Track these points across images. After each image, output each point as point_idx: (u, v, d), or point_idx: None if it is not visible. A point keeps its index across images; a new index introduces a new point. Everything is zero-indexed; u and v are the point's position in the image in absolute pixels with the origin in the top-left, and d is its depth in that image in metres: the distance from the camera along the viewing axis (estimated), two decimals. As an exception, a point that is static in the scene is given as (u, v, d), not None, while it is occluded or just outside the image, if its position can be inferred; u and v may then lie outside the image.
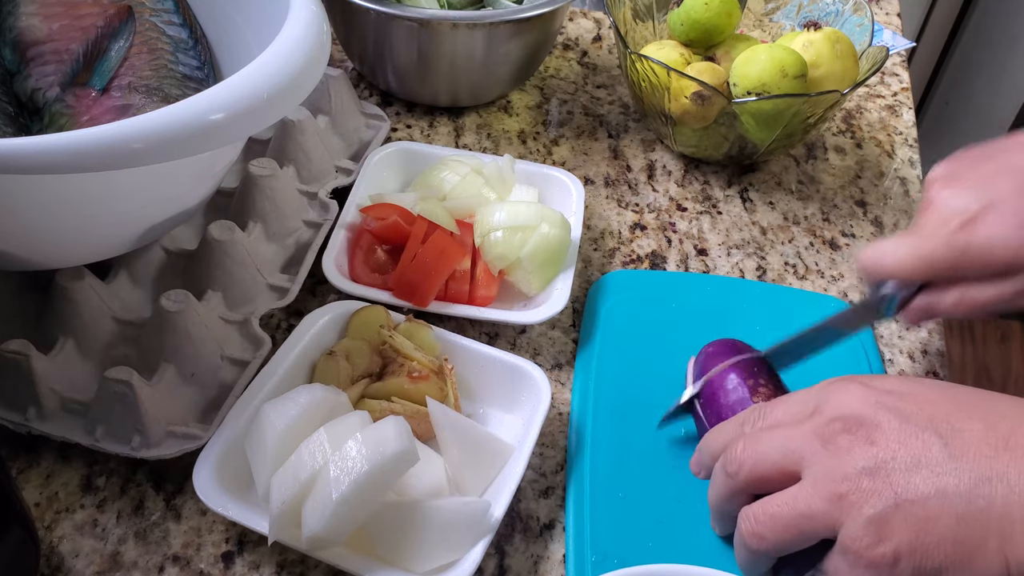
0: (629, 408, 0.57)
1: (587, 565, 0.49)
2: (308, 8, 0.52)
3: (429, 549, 0.47)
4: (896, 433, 0.41)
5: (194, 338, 0.54)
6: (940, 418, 0.42)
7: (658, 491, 0.53)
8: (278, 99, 0.46)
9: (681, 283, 0.65)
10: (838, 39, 0.69)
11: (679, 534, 0.51)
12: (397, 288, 0.60)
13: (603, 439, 0.55)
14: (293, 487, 0.46)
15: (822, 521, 0.41)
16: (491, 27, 0.72)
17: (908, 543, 0.39)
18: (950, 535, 0.39)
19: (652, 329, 0.61)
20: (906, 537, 0.39)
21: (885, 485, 0.40)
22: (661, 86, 0.69)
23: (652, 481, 0.53)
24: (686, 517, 0.52)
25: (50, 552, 0.49)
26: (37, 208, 0.47)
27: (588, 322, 0.62)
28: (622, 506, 0.52)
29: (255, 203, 0.62)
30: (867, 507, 0.40)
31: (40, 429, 0.52)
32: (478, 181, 0.67)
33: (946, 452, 0.40)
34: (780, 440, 0.44)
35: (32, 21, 0.61)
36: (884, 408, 0.43)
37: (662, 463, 0.54)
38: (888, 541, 0.40)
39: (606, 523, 0.51)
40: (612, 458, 0.54)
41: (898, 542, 0.39)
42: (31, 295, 0.58)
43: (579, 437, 0.55)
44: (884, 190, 0.76)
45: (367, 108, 0.75)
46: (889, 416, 0.42)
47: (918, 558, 0.39)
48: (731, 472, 0.46)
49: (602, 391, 0.58)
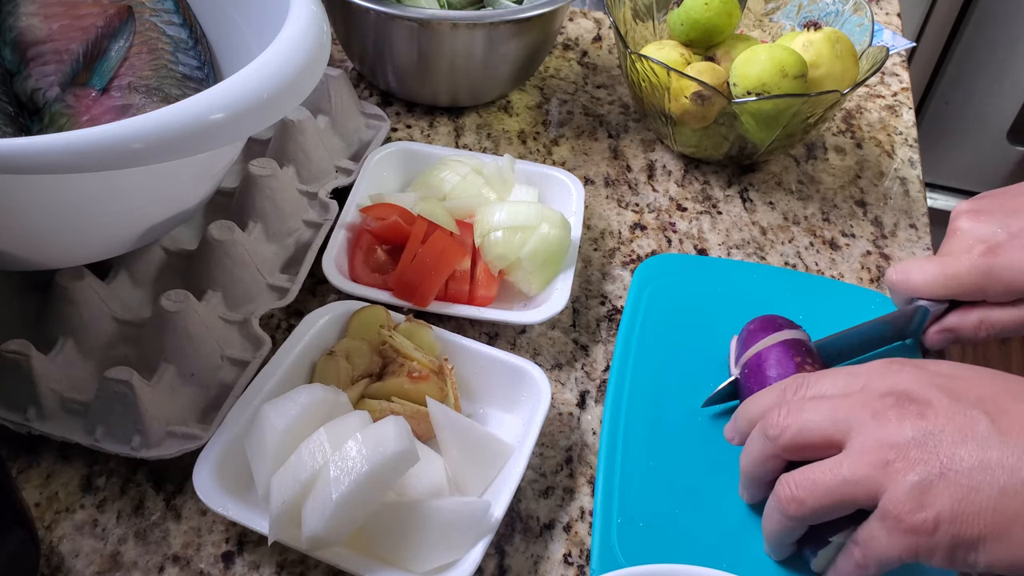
0: (666, 383, 0.58)
1: (613, 526, 0.50)
2: (308, 8, 0.52)
3: (429, 549, 0.47)
4: (946, 409, 0.43)
5: (194, 338, 0.54)
6: (988, 399, 0.43)
7: (689, 463, 0.54)
8: (278, 99, 0.46)
9: (725, 269, 0.67)
10: (838, 39, 0.69)
11: (707, 503, 0.52)
12: (397, 288, 0.60)
13: (638, 410, 0.56)
14: (293, 487, 0.46)
15: (864, 488, 0.42)
16: (491, 27, 0.72)
17: (949, 510, 0.40)
18: (990, 505, 0.40)
19: (695, 310, 0.63)
20: (948, 504, 0.40)
21: (931, 455, 0.42)
22: (661, 86, 0.69)
23: (683, 453, 0.54)
24: (714, 488, 0.53)
25: (50, 552, 0.49)
26: (37, 208, 0.47)
27: (633, 299, 0.63)
28: (653, 474, 0.53)
29: (255, 203, 0.62)
30: (912, 474, 0.41)
31: (40, 429, 0.52)
32: (478, 181, 0.67)
33: (993, 428, 0.42)
34: (827, 409, 0.45)
35: (32, 21, 0.61)
36: (935, 387, 0.44)
37: (695, 436, 0.55)
38: (930, 508, 0.41)
39: (635, 488, 0.52)
40: (646, 429, 0.55)
41: (939, 509, 0.40)
42: (31, 295, 0.58)
43: (615, 407, 0.56)
44: (884, 190, 0.76)
45: (367, 108, 0.75)
46: (940, 394, 0.44)
47: (958, 526, 0.40)
48: (772, 436, 0.46)
49: (640, 365, 0.58)
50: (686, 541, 0.50)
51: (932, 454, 0.42)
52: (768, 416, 0.47)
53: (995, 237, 0.54)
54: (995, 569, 0.40)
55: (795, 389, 0.48)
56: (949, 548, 0.40)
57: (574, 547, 0.52)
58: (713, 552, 0.50)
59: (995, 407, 0.42)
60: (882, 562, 0.42)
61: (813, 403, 0.46)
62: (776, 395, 0.49)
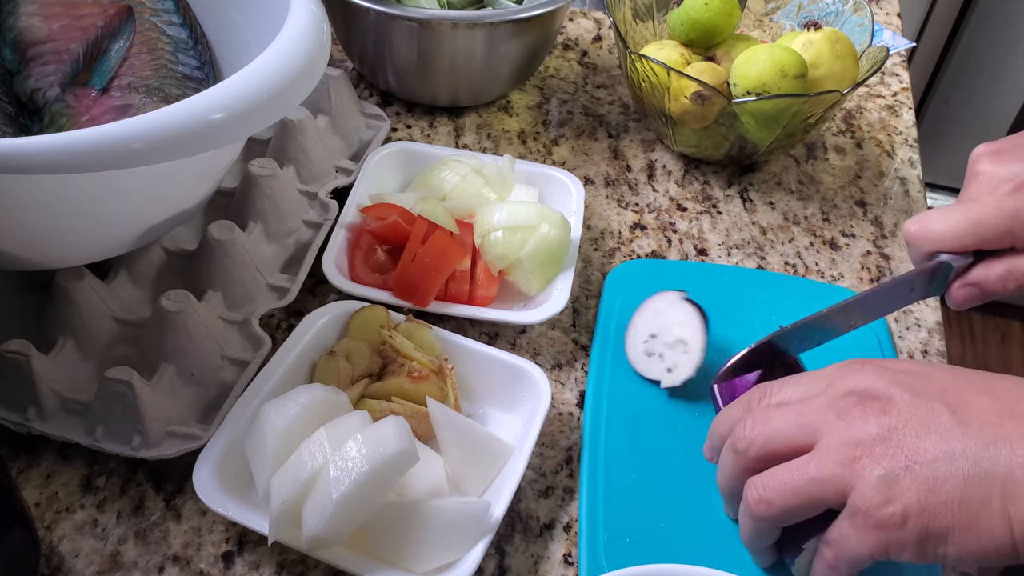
0: (644, 392, 0.57)
1: (599, 543, 0.50)
2: (308, 8, 0.52)
3: (429, 549, 0.47)
4: (908, 404, 0.43)
5: (194, 338, 0.54)
6: (950, 391, 0.43)
7: (672, 475, 0.54)
8: (278, 99, 0.46)
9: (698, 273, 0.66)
10: (838, 39, 0.69)
11: (692, 516, 0.52)
12: (397, 288, 0.60)
13: (618, 422, 0.56)
14: (293, 487, 0.46)
15: (832, 486, 0.42)
16: (491, 27, 0.72)
17: (916, 503, 0.40)
18: (956, 495, 0.40)
19: None
20: (915, 497, 0.40)
21: (896, 449, 0.41)
22: (661, 86, 0.69)
23: (666, 465, 0.54)
24: (699, 499, 0.52)
25: (50, 552, 0.49)
26: (37, 208, 0.47)
27: (606, 307, 0.63)
28: (636, 487, 0.53)
29: (255, 203, 0.62)
30: (878, 469, 0.41)
31: (40, 429, 0.52)
32: (478, 181, 0.67)
33: (954, 420, 0.42)
34: (792, 416, 0.45)
35: (32, 21, 0.61)
36: (897, 384, 0.44)
37: (677, 448, 0.55)
38: (897, 501, 0.41)
39: (620, 503, 0.52)
40: (627, 441, 0.55)
41: (907, 502, 0.40)
42: (31, 295, 0.58)
43: (594, 420, 0.56)
44: (884, 190, 0.76)
45: (367, 108, 0.75)
46: (901, 390, 0.43)
47: (926, 518, 0.40)
48: (741, 449, 0.46)
49: (618, 375, 0.58)
50: (674, 555, 0.50)
51: (896, 448, 0.41)
52: (736, 430, 0.46)
53: (1020, 175, 0.49)
54: (964, 561, 0.40)
55: (759, 399, 0.48)
56: (918, 541, 0.40)
57: (574, 547, 0.52)
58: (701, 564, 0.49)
59: (956, 399, 0.42)
60: (853, 560, 0.42)
61: (778, 411, 0.46)
62: (742, 407, 0.48)
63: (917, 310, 0.66)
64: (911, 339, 0.64)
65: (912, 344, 0.64)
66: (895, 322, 0.65)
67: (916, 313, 0.66)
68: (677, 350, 0.57)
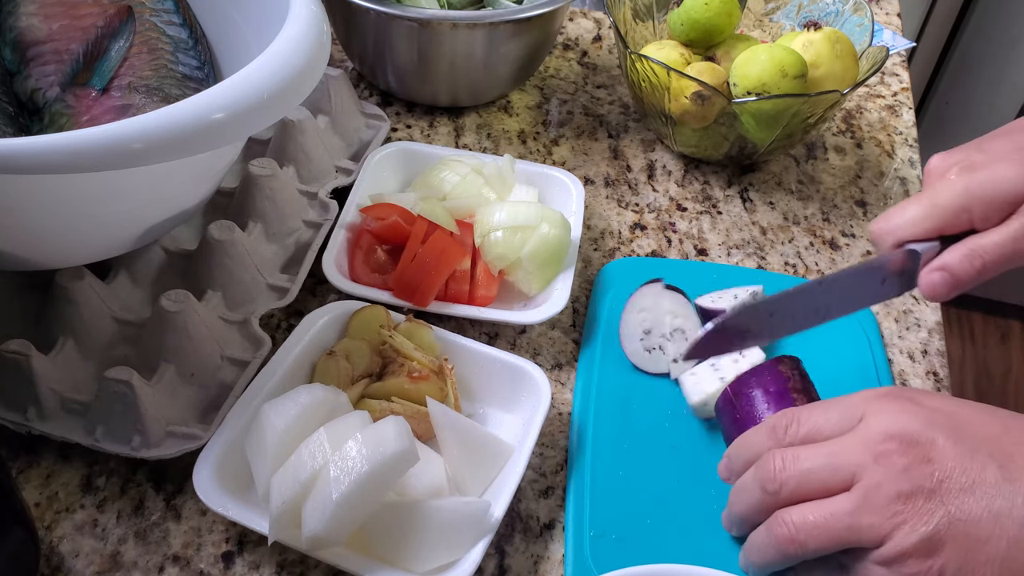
0: (633, 389, 0.57)
1: (585, 540, 0.50)
2: (308, 8, 0.52)
3: (429, 549, 0.47)
4: (952, 452, 0.42)
5: (194, 338, 0.54)
6: (992, 439, 0.43)
7: (659, 472, 0.54)
8: (278, 99, 0.46)
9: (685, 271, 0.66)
10: (838, 39, 0.69)
11: (678, 513, 0.52)
12: (397, 288, 0.60)
13: (606, 419, 0.56)
14: (293, 487, 0.46)
15: (869, 534, 0.42)
16: (491, 27, 0.72)
17: (956, 560, 0.40)
18: (999, 556, 0.40)
19: None
20: (954, 555, 0.40)
21: (939, 505, 0.41)
22: (661, 86, 0.69)
23: (653, 462, 0.54)
24: (686, 496, 0.52)
25: (50, 552, 0.49)
26: (37, 208, 0.47)
27: (594, 307, 0.63)
28: (622, 484, 0.53)
29: (255, 203, 0.62)
30: (921, 524, 0.41)
31: (40, 429, 0.52)
32: (478, 181, 0.67)
33: (1001, 475, 0.41)
34: (825, 456, 0.44)
35: (32, 21, 0.61)
36: (935, 426, 0.43)
37: (664, 445, 0.55)
38: (937, 557, 0.40)
39: (606, 500, 0.52)
40: (614, 439, 0.55)
41: (946, 559, 0.40)
42: (31, 295, 0.58)
43: (582, 417, 0.56)
44: (884, 190, 0.76)
45: (367, 108, 0.75)
46: (944, 437, 0.43)
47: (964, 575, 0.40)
48: (772, 491, 0.45)
49: (606, 373, 0.58)
50: (660, 552, 0.50)
51: (939, 503, 0.41)
52: (764, 466, 0.46)
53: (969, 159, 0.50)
54: None
55: (785, 427, 0.47)
56: None
57: (574, 547, 0.52)
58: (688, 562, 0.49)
59: (1000, 451, 0.42)
60: None
61: (809, 451, 0.45)
62: (766, 434, 0.48)
63: (917, 310, 0.66)
64: (911, 339, 0.64)
65: (912, 344, 0.64)
66: (895, 322, 0.65)
67: (916, 313, 0.66)
68: (677, 339, 0.58)
